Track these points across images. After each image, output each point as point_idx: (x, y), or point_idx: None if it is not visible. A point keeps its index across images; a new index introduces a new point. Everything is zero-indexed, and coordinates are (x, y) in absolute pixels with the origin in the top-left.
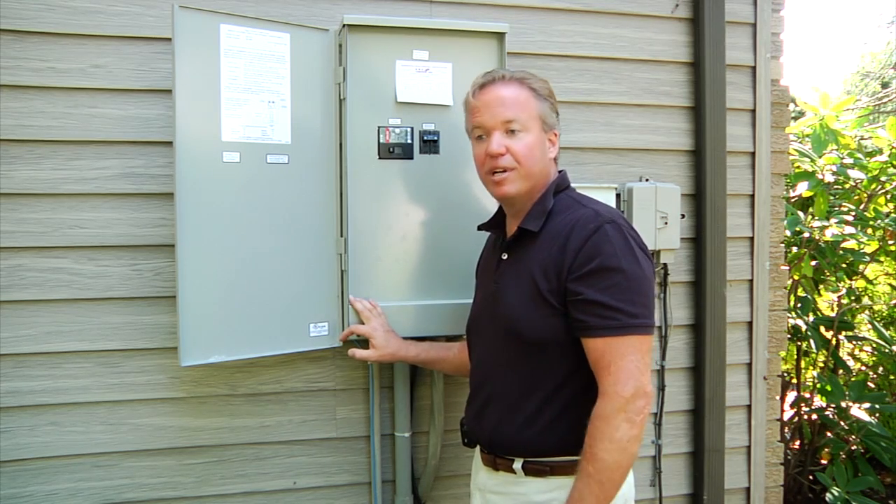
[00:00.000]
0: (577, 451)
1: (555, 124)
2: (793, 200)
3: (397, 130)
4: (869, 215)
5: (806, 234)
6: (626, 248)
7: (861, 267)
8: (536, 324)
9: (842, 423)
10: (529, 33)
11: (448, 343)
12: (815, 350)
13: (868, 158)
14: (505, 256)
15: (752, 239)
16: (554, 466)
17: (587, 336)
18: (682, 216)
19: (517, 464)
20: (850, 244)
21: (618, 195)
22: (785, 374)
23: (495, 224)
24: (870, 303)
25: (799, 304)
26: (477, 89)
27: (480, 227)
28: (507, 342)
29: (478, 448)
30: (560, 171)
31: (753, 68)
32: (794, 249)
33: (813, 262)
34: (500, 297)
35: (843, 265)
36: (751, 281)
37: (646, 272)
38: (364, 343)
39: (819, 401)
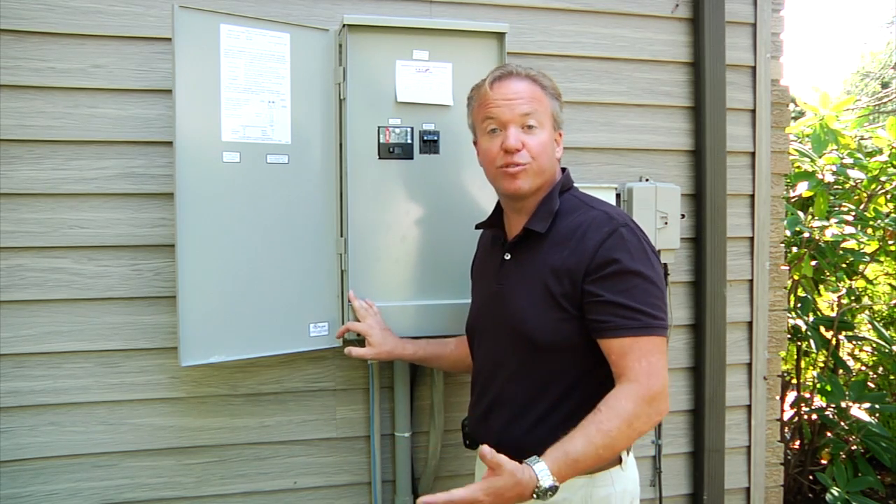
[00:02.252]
0: None
1: (562, 123)
2: (793, 200)
3: (397, 130)
4: (869, 215)
5: (806, 234)
6: (642, 251)
7: (861, 267)
8: (548, 327)
9: (842, 423)
10: (529, 33)
11: (445, 339)
12: (815, 350)
13: (868, 158)
14: (508, 257)
15: (752, 239)
16: None
17: (610, 336)
18: (682, 216)
19: None
20: (850, 244)
21: (618, 195)
22: (785, 374)
23: (494, 223)
24: (870, 303)
25: (799, 304)
26: (493, 81)
27: (479, 226)
28: (514, 345)
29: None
30: (563, 170)
31: (753, 68)
32: (794, 249)
33: (813, 262)
34: (506, 300)
35: (843, 265)
36: (751, 281)
37: (659, 275)
38: (361, 342)
39: (819, 401)
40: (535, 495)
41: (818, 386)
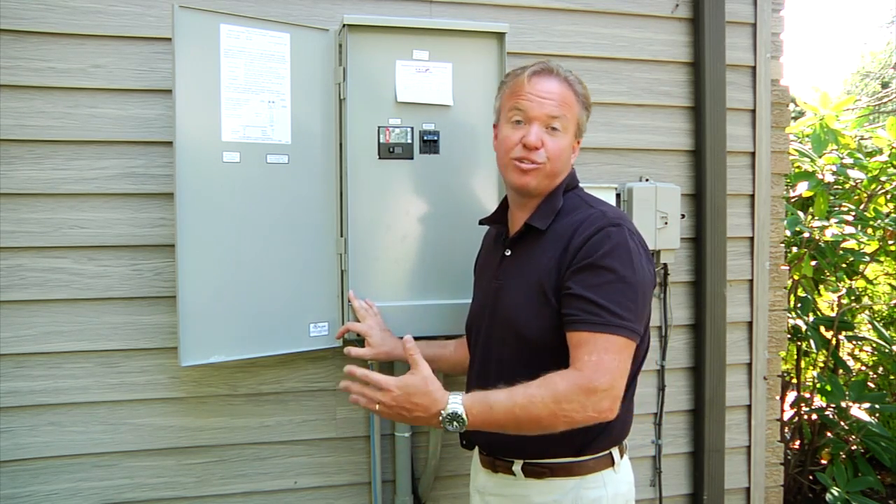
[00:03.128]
0: (578, 454)
1: (584, 132)
2: (793, 200)
3: (397, 130)
4: (869, 215)
5: (806, 234)
6: (625, 251)
7: (861, 267)
8: (539, 324)
9: (842, 423)
10: (529, 33)
11: (444, 341)
12: (815, 350)
13: (868, 158)
14: (508, 253)
15: (752, 239)
16: (554, 468)
17: (572, 329)
18: (682, 216)
19: (517, 466)
20: (850, 244)
21: (618, 195)
22: (785, 374)
23: (497, 219)
24: (870, 303)
25: (799, 304)
26: (531, 74)
27: (482, 222)
28: (507, 341)
29: (476, 449)
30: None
31: (753, 68)
32: (794, 249)
33: (813, 262)
34: (502, 295)
35: (843, 265)
36: (751, 281)
37: (640, 279)
38: (361, 342)
39: (819, 401)
40: (440, 417)
41: (818, 386)
